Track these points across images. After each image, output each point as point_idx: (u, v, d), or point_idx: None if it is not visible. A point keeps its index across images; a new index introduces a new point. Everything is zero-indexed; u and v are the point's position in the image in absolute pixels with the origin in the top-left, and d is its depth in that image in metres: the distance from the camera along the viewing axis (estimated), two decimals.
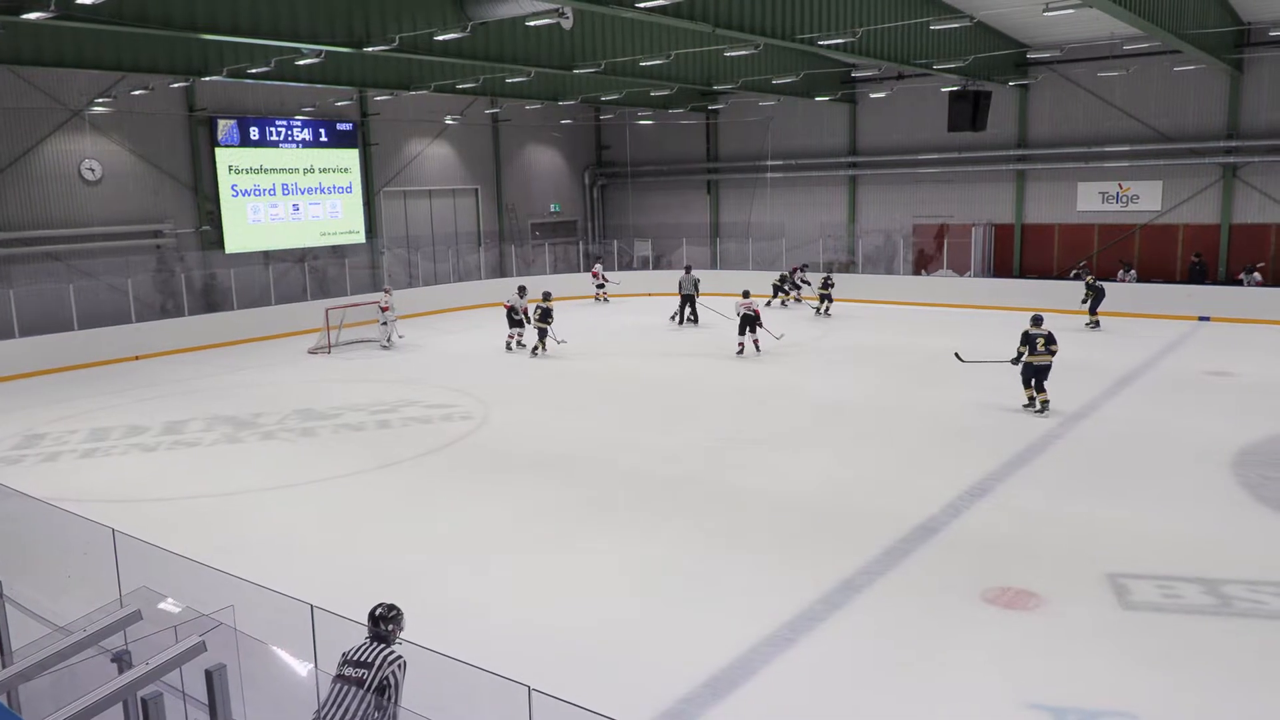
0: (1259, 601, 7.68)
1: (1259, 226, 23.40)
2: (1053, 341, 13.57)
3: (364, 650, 5.04)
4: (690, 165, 33.05)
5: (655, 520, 9.95)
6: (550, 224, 33.62)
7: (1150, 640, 7.13)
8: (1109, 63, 23.62)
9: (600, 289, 28.59)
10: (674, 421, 14.11)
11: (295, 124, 25.85)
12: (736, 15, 15.39)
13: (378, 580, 8.12)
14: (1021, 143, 26.25)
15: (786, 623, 7.42)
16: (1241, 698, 6.28)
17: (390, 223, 28.81)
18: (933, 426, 13.41)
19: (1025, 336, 13.65)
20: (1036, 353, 13.55)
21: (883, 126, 28.61)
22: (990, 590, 7.91)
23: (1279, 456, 11.46)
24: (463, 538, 9.62)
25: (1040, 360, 13.56)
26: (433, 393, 16.34)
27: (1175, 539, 9.03)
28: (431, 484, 11.48)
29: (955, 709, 6.25)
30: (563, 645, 7.20)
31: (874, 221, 29.34)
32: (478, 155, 31.09)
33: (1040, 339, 13.54)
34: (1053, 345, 13.57)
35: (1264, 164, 22.98)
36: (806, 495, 10.58)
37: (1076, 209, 25.81)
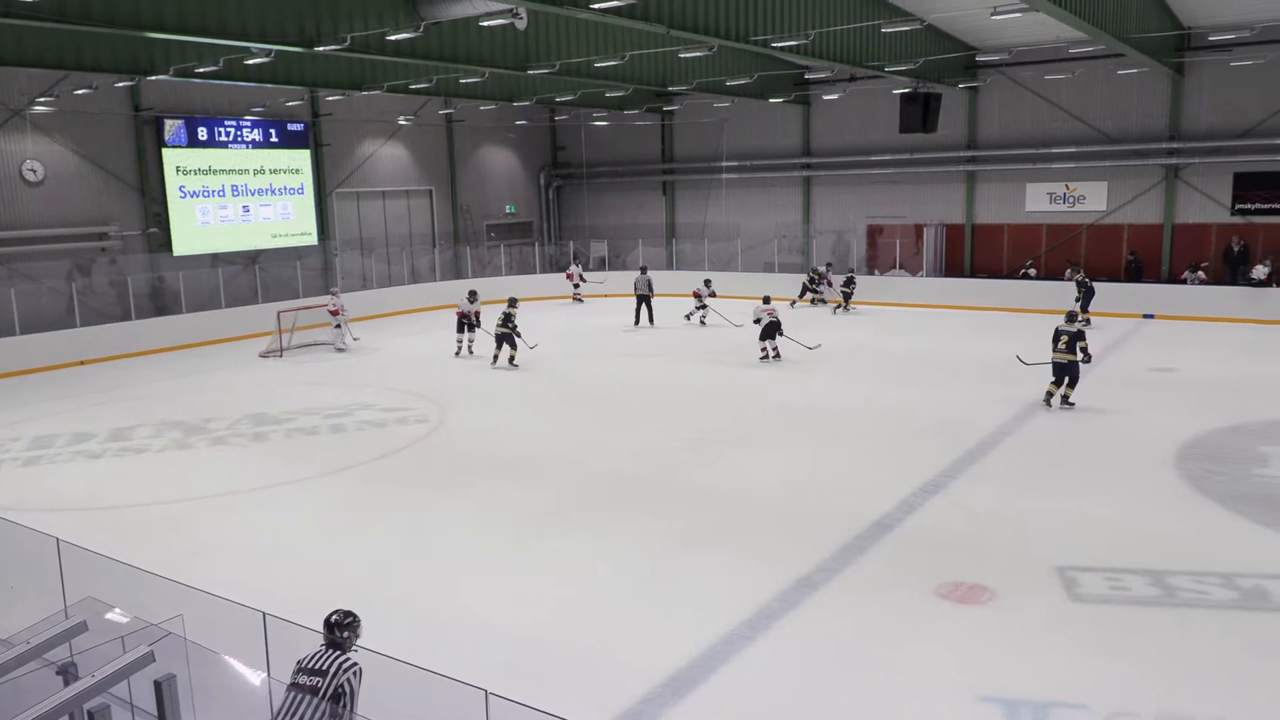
0: (1202, 592, 7.87)
1: (1200, 226, 24.00)
2: (1079, 337, 13.72)
3: (319, 658, 4.98)
4: (646, 166, 33.10)
5: (614, 521, 9.94)
6: (506, 225, 33.46)
7: (1099, 632, 7.27)
8: (1055, 66, 24.08)
9: (577, 289, 28.19)
10: (633, 423, 14.12)
11: (245, 124, 25.45)
12: (690, 17, 15.44)
13: (333, 586, 8.03)
14: (971, 144, 26.65)
15: (745, 621, 7.46)
16: (1188, 686, 6.43)
17: (343, 224, 28.47)
18: (889, 425, 13.56)
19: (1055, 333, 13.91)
20: (1056, 349, 13.86)
21: (836, 128, 28.88)
22: (944, 585, 8.02)
23: (1222, 451, 11.75)
24: (419, 542, 9.54)
25: (1058, 358, 13.83)
26: (387, 396, 16.18)
27: (1122, 532, 9.22)
28: (387, 488, 11.37)
29: (911, 704, 6.33)
30: (521, 648, 7.17)
31: (828, 222, 29.61)
32: (432, 156, 30.85)
33: (1064, 336, 13.73)
34: (1081, 342, 13.71)
35: (1204, 165, 23.57)
36: (765, 494, 10.65)
37: (1025, 209, 26.26)
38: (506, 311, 18.31)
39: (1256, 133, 22.67)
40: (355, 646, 5.13)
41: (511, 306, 18.47)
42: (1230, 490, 10.32)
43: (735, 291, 28.45)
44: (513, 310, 18.39)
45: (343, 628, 5.11)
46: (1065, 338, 13.74)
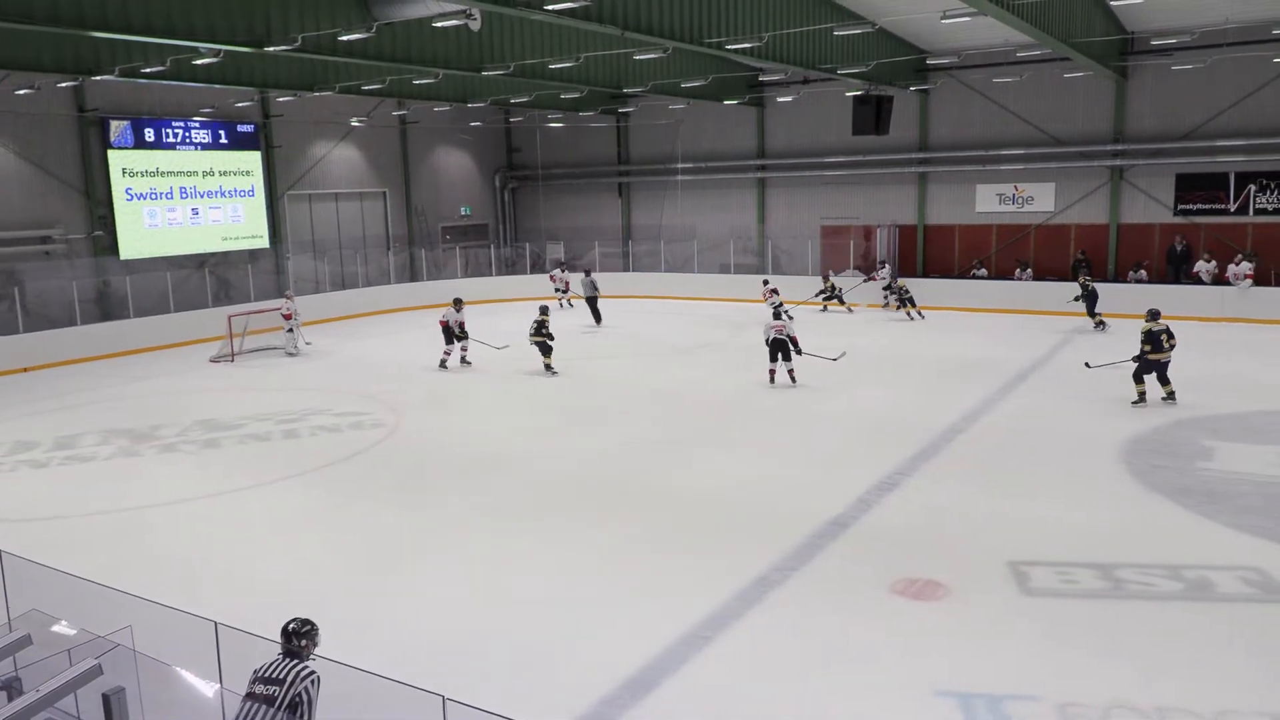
0: (1149, 584, 8.06)
1: (1144, 226, 24.56)
2: (1172, 336, 13.68)
3: (275, 666, 4.91)
4: (601, 168, 33.10)
5: (572, 524, 9.93)
6: (461, 227, 33.26)
7: (1050, 625, 7.41)
8: (1004, 69, 24.49)
9: (561, 293, 27.12)
10: (591, 425, 14.12)
11: (193, 125, 25.02)
12: (645, 18, 15.47)
13: (287, 594, 7.92)
14: (923, 146, 27.02)
15: (703, 621, 7.49)
16: (1136, 676, 6.58)
17: (295, 227, 28.10)
18: (843, 424, 13.70)
19: (1149, 335, 13.69)
20: (1162, 349, 13.66)
21: (790, 130, 29.11)
22: (899, 582, 8.12)
23: (1166, 445, 12.04)
24: (375, 548, 9.44)
25: (1163, 357, 13.69)
26: (342, 400, 16.00)
27: (1071, 526, 9.41)
28: (342, 494, 11.24)
29: (868, 700, 6.40)
30: (479, 653, 7.13)
31: (783, 223, 29.83)
32: (385, 157, 30.56)
33: (1163, 334, 13.62)
34: (1172, 340, 13.66)
35: (1147, 167, 24.13)
36: (723, 494, 10.70)
37: (975, 210, 26.68)
38: (539, 319, 17.70)
39: (1197, 135, 23.26)
40: (313, 655, 5.07)
41: (544, 314, 17.88)
42: (1175, 484, 10.57)
43: (691, 293, 28.65)
44: (545, 317, 17.76)
45: (300, 636, 5.04)
46: (1165, 335, 13.59)
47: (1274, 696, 6.25)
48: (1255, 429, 12.72)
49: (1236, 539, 9.01)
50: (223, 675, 5.45)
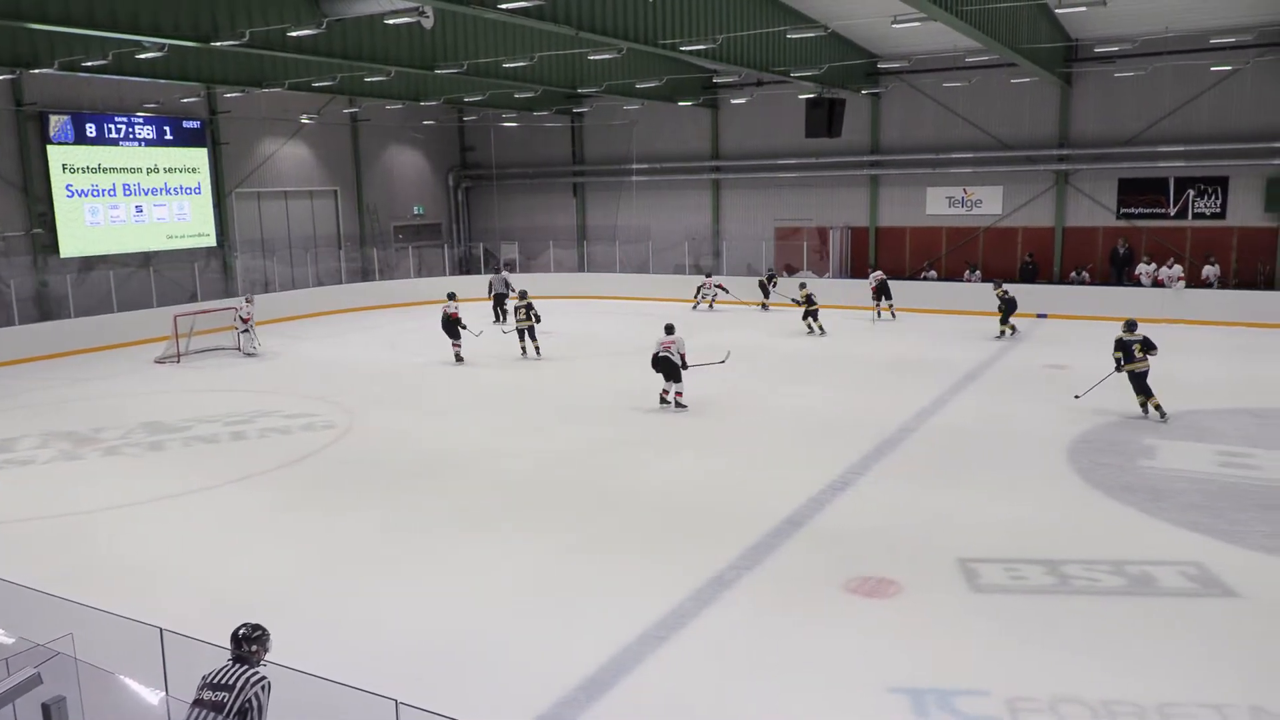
0: (1094, 579, 8.23)
1: (1088, 229, 25.11)
2: (1150, 347, 13.17)
3: (225, 673, 4.82)
4: (556, 168, 33.01)
5: (526, 525, 9.88)
6: (414, 226, 32.95)
7: (999, 621, 7.54)
8: (953, 74, 24.89)
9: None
10: (545, 426, 14.06)
11: (137, 121, 24.46)
12: (599, 19, 15.46)
13: (236, 600, 7.78)
14: (874, 149, 27.34)
15: (658, 621, 7.50)
16: (1082, 669, 6.71)
17: (243, 225, 27.60)
18: (797, 424, 13.81)
19: (1120, 344, 13.25)
20: (1134, 359, 13.20)
21: (744, 132, 29.28)
22: (852, 580, 8.21)
23: (1109, 444, 12.31)
24: (327, 551, 9.31)
25: (1138, 367, 13.23)
26: (292, 401, 15.76)
27: (1019, 524, 9.58)
28: (292, 497, 11.07)
29: (822, 697, 6.45)
30: (433, 657, 7.07)
31: (737, 224, 29.99)
32: (336, 156, 30.16)
33: (1135, 344, 13.15)
34: (1151, 351, 13.15)
35: (1091, 171, 24.67)
36: (677, 495, 10.72)
37: (926, 212, 27.08)
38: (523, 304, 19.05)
39: (1138, 140, 23.83)
40: (264, 661, 4.98)
41: (523, 299, 19.26)
42: (1118, 481, 10.81)
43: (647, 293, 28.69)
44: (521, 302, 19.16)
45: (250, 641, 4.95)
46: (1138, 345, 13.11)
47: (1213, 688, 6.41)
48: (1195, 428, 13.06)
49: (1177, 535, 9.24)
50: (168, 682, 5.34)
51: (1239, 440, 12.37)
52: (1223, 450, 11.93)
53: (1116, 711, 6.15)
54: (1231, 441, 12.31)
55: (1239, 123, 22.83)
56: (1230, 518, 9.57)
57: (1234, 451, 11.87)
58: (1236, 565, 8.44)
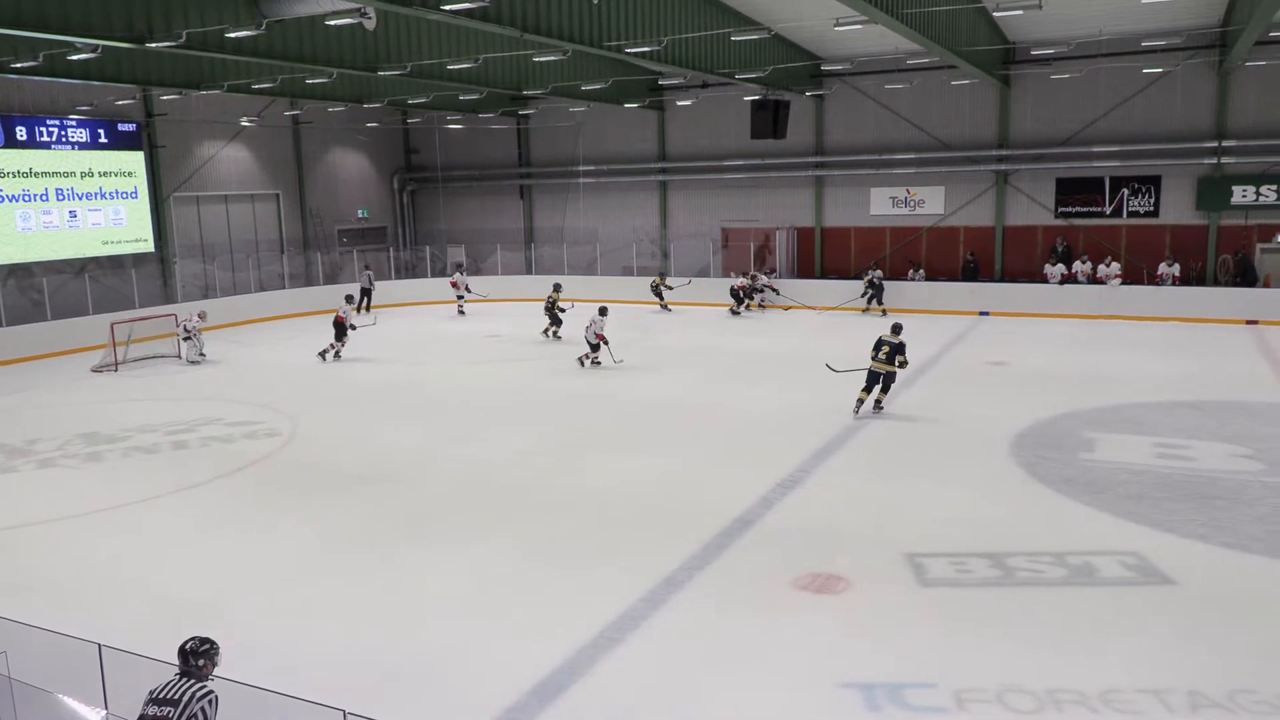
0: (1038, 571, 8.40)
1: (1028, 228, 25.63)
2: (900, 350, 13.59)
3: (171, 687, 4.71)
4: (503, 170, 32.84)
5: (476, 530, 9.80)
6: (358, 230, 32.53)
7: (946, 614, 7.66)
8: (895, 75, 25.24)
9: (461, 299, 26.54)
10: (493, 429, 13.97)
11: (70, 124, 23.82)
12: (544, 21, 15.41)
13: (178, 613, 7.61)
14: (819, 150, 27.63)
15: (612, 623, 7.49)
16: (1028, 659, 6.84)
17: (183, 230, 27.02)
18: (746, 422, 13.89)
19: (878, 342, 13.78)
20: (876, 359, 13.70)
21: (690, 133, 29.40)
22: (801, 577, 8.27)
23: (1051, 438, 12.57)
24: (273, 561, 9.15)
25: (876, 367, 13.68)
26: (234, 409, 15.46)
27: (964, 518, 9.74)
28: (236, 506, 10.85)
29: (775, 695, 6.50)
30: (381, 665, 6.98)
31: (684, 226, 30.10)
32: (278, 158, 29.67)
33: (885, 346, 13.62)
34: (897, 357, 13.57)
35: (1029, 171, 25.20)
36: (627, 496, 10.72)
37: (870, 213, 27.42)
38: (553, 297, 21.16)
39: (1074, 141, 24.40)
40: (213, 675, 4.87)
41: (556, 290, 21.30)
42: (1060, 474, 11.05)
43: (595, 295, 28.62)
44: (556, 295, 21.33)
45: (198, 655, 4.84)
46: (887, 348, 13.62)
47: (1153, 673, 6.58)
48: (1132, 420, 13.40)
49: (1117, 525, 9.46)
50: (108, 700, 5.20)
51: (1175, 433, 12.71)
52: (1160, 442, 12.26)
53: (1061, 700, 6.28)
54: (1168, 434, 12.65)
55: (1170, 123, 23.49)
56: (1167, 508, 9.83)
57: (1170, 444, 12.19)
58: (1173, 554, 8.67)
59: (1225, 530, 9.23)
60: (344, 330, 19.28)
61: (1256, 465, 11.22)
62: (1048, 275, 24.32)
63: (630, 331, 22.73)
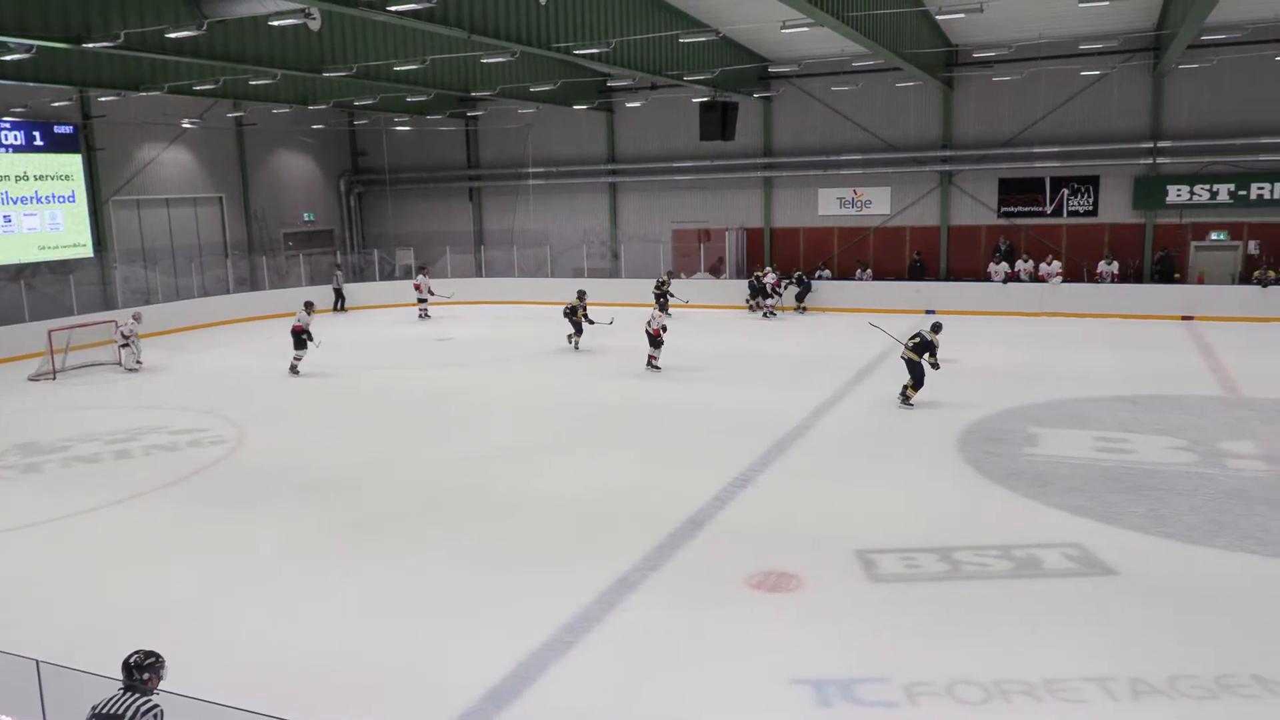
0: (984, 564, 8.55)
1: (972, 228, 26.10)
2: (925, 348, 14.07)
3: (115, 702, 4.62)
4: (451, 172, 32.61)
5: (427, 536, 9.72)
6: (304, 233, 32.07)
7: (897, 609, 7.77)
8: (841, 78, 25.55)
9: (423, 303, 26.11)
10: (445, 434, 13.87)
11: (4, 126, 23.17)
12: (492, 22, 15.34)
13: (123, 627, 7.44)
14: (767, 151, 27.86)
15: (565, 626, 7.47)
16: (976, 651, 6.96)
17: (123, 235, 26.42)
18: (697, 423, 13.94)
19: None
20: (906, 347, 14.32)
21: (640, 135, 29.46)
22: (754, 576, 8.33)
23: (997, 433, 12.81)
24: (218, 571, 8.98)
25: (903, 354, 14.37)
26: (179, 416, 15.16)
27: (913, 513, 9.89)
28: (181, 516, 10.63)
29: (729, 693, 6.54)
30: (331, 675, 6.89)
31: (634, 227, 30.16)
32: (221, 161, 29.14)
33: (916, 338, 14.22)
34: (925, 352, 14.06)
35: (973, 172, 25.66)
36: (581, 499, 10.71)
37: (818, 213, 27.73)
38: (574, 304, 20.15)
39: (1016, 142, 24.90)
40: (158, 689, 4.78)
41: (580, 298, 20.28)
42: (1005, 469, 11.27)
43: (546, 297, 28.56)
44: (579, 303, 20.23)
45: (143, 669, 4.74)
46: (917, 338, 14.19)
47: (1096, 662, 6.74)
48: (1073, 415, 13.71)
49: (1060, 518, 9.67)
50: (47, 717, 5.07)
51: (1115, 426, 13.03)
52: (1100, 436, 12.55)
53: (1008, 690, 6.41)
54: (1108, 428, 12.96)
55: (1108, 125, 24.07)
56: (1108, 500, 10.07)
57: (1110, 437, 12.50)
58: (1114, 545, 8.89)
59: (1163, 521, 9.48)
60: (302, 339, 18.27)
61: (1191, 457, 11.55)
62: (991, 274, 24.82)
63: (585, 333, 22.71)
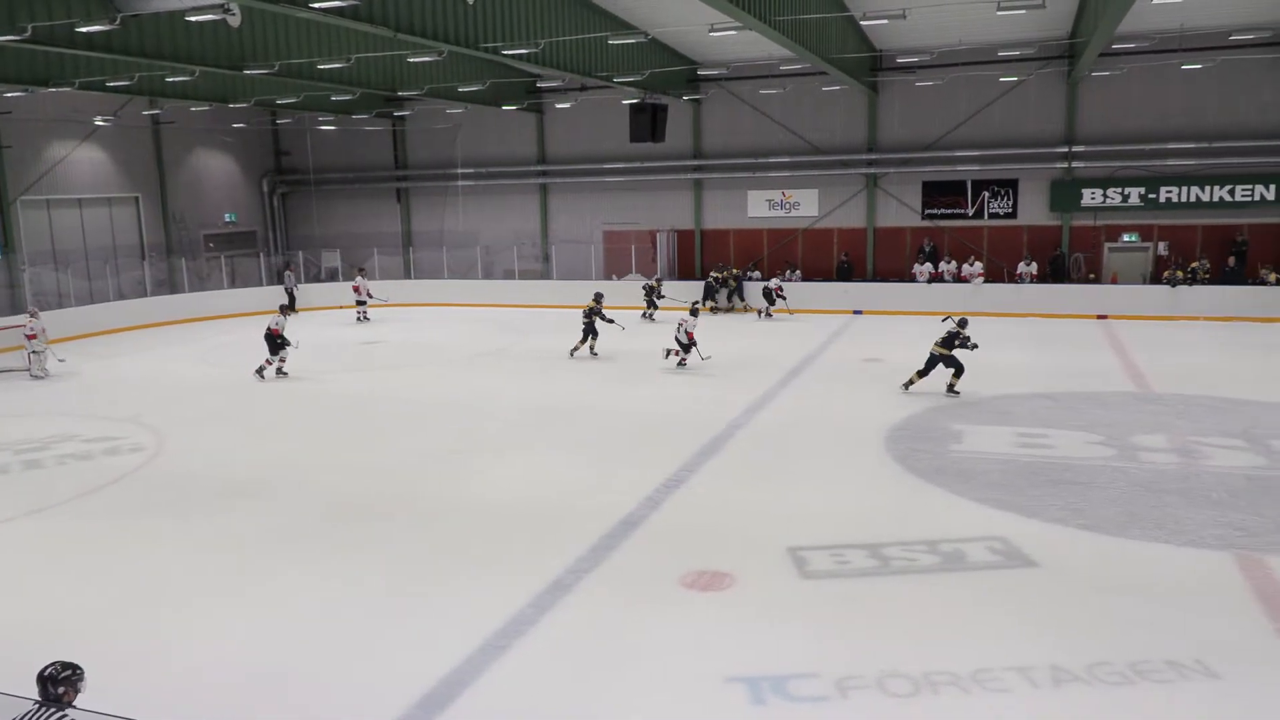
0: (912, 559, 8.72)
1: (897, 229, 26.63)
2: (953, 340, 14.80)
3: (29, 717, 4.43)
4: (379, 173, 32.13)
5: (354, 542, 9.54)
6: (226, 235, 31.28)
7: (828, 605, 7.87)
8: (769, 81, 25.84)
9: (361, 305, 25.65)
10: (373, 438, 13.64)
11: None
12: (418, 21, 15.16)
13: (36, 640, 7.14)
14: (697, 153, 28.04)
15: (499, 630, 7.41)
16: (905, 644, 7.08)
17: (32, 236, 25.42)
18: (630, 425, 13.96)
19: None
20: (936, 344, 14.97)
21: (570, 136, 29.40)
22: (688, 575, 8.37)
23: (922, 431, 13.08)
24: (137, 582, 8.68)
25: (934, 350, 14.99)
26: (94, 424, 14.64)
27: (843, 510, 10.04)
28: (97, 526, 10.26)
29: (664, 693, 6.55)
30: (258, 686, 6.72)
31: (565, 228, 30.09)
32: (137, 160, 28.25)
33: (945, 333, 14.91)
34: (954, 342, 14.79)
35: (898, 174, 26.19)
36: (513, 502, 10.62)
37: (748, 215, 28.01)
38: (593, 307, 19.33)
39: (938, 146, 25.48)
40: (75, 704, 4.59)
41: (596, 301, 19.55)
42: (931, 465, 11.51)
43: (476, 299, 28.35)
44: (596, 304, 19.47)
45: (58, 682, 4.55)
46: (945, 334, 14.95)
47: (1020, 652, 6.91)
48: (996, 411, 14.07)
49: (983, 512, 9.91)
50: None
51: (1035, 422, 13.40)
52: (1021, 432, 12.90)
53: (936, 682, 6.54)
54: (1029, 424, 13.33)
55: (1025, 130, 24.79)
56: (1029, 494, 10.36)
57: (1030, 433, 12.85)
58: (1035, 537, 9.14)
59: (1081, 513, 9.78)
60: (276, 343, 17.59)
61: (1108, 451, 11.94)
62: (916, 275, 25.37)
63: (508, 335, 22.58)
